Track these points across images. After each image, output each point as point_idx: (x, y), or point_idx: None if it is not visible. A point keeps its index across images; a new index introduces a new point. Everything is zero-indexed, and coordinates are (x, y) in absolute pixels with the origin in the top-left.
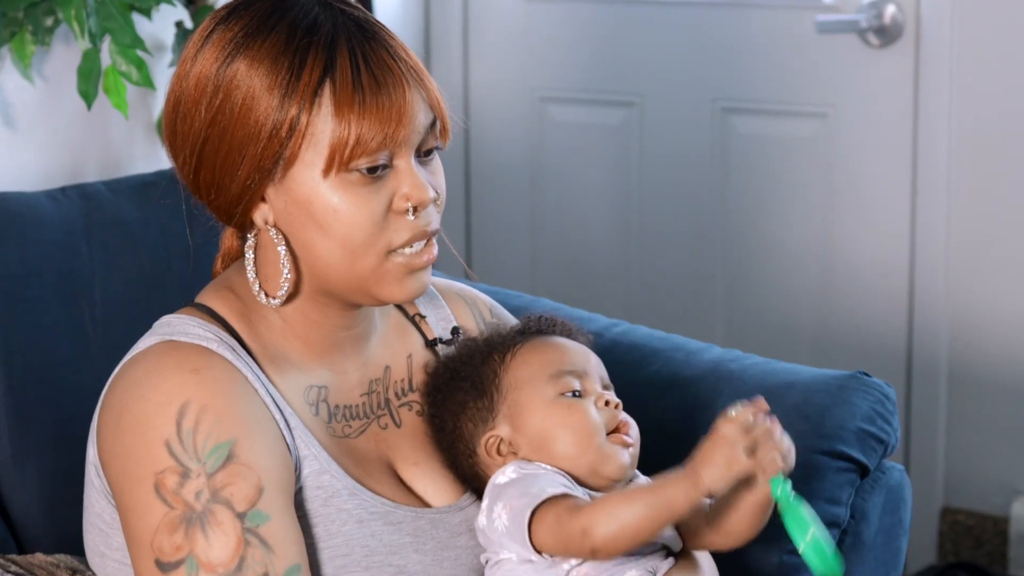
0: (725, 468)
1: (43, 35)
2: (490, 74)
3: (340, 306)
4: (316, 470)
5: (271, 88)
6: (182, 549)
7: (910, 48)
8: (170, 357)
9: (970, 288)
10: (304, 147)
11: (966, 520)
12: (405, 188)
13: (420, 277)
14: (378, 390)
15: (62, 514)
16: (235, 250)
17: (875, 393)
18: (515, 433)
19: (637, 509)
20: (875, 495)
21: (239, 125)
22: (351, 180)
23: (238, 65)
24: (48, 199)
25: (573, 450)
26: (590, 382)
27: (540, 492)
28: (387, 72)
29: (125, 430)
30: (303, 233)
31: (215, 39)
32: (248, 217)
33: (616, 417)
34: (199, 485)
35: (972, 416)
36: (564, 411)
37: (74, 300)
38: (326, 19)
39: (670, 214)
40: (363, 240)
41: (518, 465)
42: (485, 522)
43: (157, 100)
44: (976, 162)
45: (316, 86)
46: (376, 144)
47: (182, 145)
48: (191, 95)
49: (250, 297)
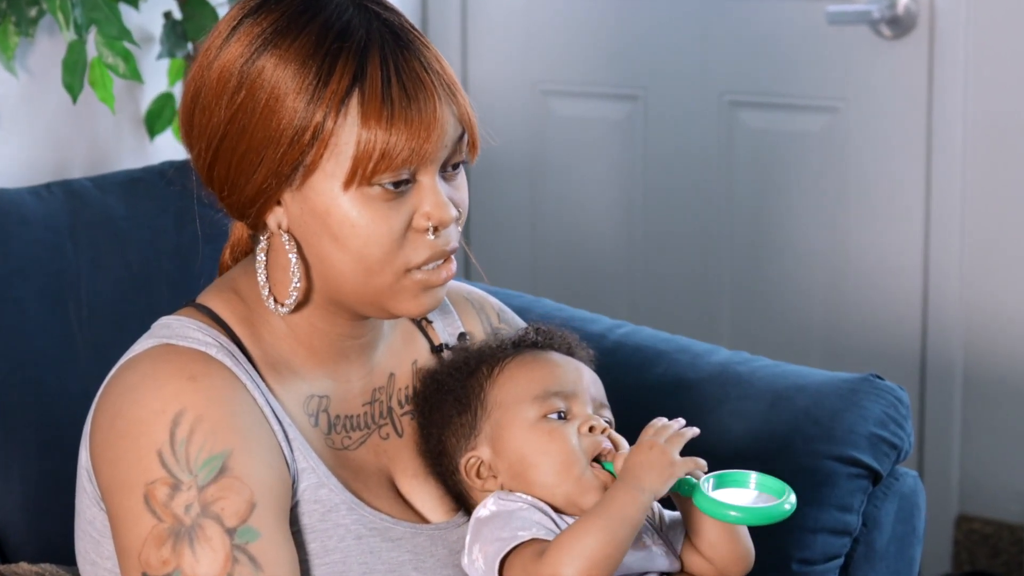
0: (659, 468)
1: (27, 26)
2: (490, 66)
3: (349, 316)
4: (314, 483)
5: (297, 91)
6: (169, 564)
7: (924, 39)
8: (168, 362)
9: (986, 287)
10: (326, 156)
11: (982, 528)
12: (427, 206)
13: (436, 293)
14: (381, 398)
15: (47, 522)
16: (244, 241)
17: (888, 397)
18: (495, 456)
19: (597, 536)
20: (888, 502)
21: (260, 125)
22: (372, 194)
23: (264, 62)
24: (32, 196)
25: (551, 479)
26: (578, 404)
27: (511, 537)
28: (419, 85)
29: (118, 436)
30: (317, 243)
31: (242, 32)
32: (261, 219)
33: (599, 445)
34: (189, 498)
35: (988, 420)
36: (544, 436)
37: (59, 300)
38: (360, 23)
39: (676, 211)
40: (380, 257)
41: (497, 497)
42: (467, 562)
43: (145, 93)
44: (992, 157)
45: (344, 94)
46: (401, 160)
47: (198, 137)
48: (212, 87)
49: (255, 300)
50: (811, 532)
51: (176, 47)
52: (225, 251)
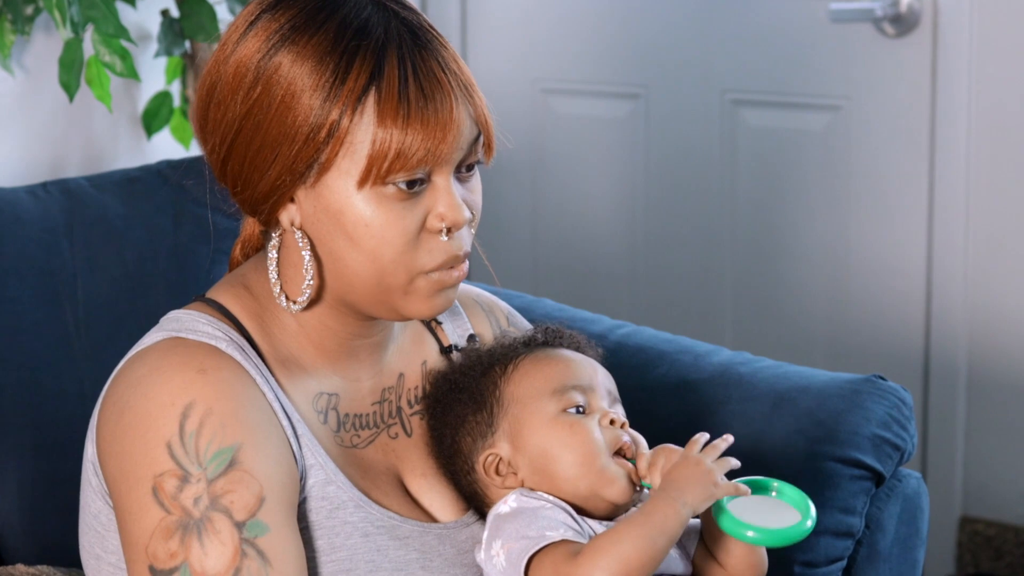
0: (704, 486)
1: (23, 24)
2: (489, 64)
3: (360, 316)
4: (322, 480)
5: (314, 88)
6: (177, 556)
7: (927, 37)
8: (177, 355)
9: (990, 287)
10: (341, 154)
11: (986, 530)
12: (441, 208)
13: (448, 294)
14: (390, 398)
15: (44, 523)
16: (256, 238)
17: (891, 398)
18: (515, 452)
19: (635, 543)
20: (891, 504)
21: (275, 122)
22: (386, 194)
23: (281, 59)
24: (28, 195)
25: (574, 471)
26: (596, 398)
27: (539, 536)
28: (436, 85)
29: (126, 428)
30: (331, 242)
31: (259, 27)
32: (274, 216)
33: (620, 438)
34: (198, 491)
35: (992, 421)
36: (566, 430)
37: (56, 300)
38: (378, 21)
39: (677, 211)
40: (392, 258)
41: (520, 494)
42: (484, 557)
43: (142, 92)
44: (996, 156)
45: (361, 92)
46: (417, 159)
47: (213, 131)
48: (228, 82)
49: (266, 297)
50: (814, 534)
51: (173, 45)
52: (236, 247)
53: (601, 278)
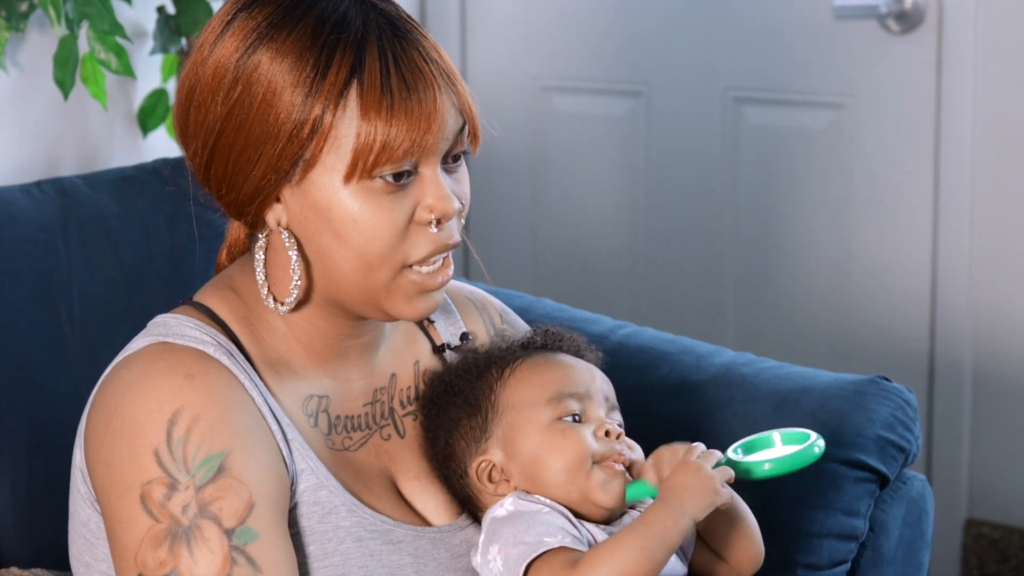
0: (703, 493)
1: (17, 21)
2: (490, 62)
3: (349, 316)
4: (313, 485)
5: (294, 85)
6: (166, 565)
7: (932, 35)
8: (164, 361)
9: (995, 287)
10: (326, 150)
11: (991, 532)
12: (429, 199)
13: (433, 297)
14: (383, 399)
15: (38, 525)
16: (241, 242)
17: (895, 399)
18: (508, 459)
19: (634, 553)
20: (895, 506)
21: (257, 121)
22: (373, 187)
23: (260, 57)
24: (23, 194)
25: (564, 477)
26: (592, 406)
27: (537, 542)
28: (418, 75)
29: (113, 436)
30: (318, 239)
31: (236, 26)
32: (260, 217)
33: (614, 450)
34: (187, 498)
35: (997, 423)
36: (559, 437)
37: (50, 300)
38: (356, 14)
39: (679, 210)
40: (381, 252)
41: (516, 497)
42: (480, 561)
43: (137, 90)
44: (1002, 154)
45: (343, 86)
46: (403, 151)
47: (194, 135)
48: (207, 84)
49: (253, 299)
50: (817, 537)
51: (169, 42)
52: (222, 252)
53: (602, 277)
